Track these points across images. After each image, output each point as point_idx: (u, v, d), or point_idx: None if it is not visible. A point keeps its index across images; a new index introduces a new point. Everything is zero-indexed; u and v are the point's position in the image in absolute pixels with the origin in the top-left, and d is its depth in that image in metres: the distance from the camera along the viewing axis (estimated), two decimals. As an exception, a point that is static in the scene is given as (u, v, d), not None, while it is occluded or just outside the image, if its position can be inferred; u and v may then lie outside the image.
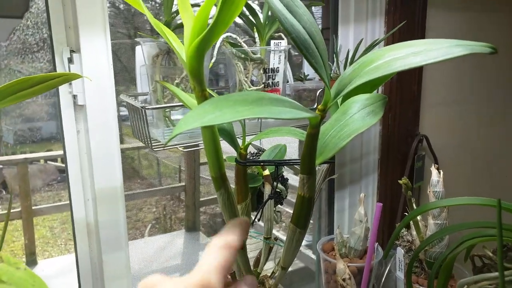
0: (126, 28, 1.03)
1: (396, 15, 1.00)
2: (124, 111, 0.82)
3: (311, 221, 1.06)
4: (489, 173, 1.26)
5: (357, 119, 0.49)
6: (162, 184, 2.03)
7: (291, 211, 0.49)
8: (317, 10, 1.13)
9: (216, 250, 0.29)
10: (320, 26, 1.11)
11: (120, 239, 0.75)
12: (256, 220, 0.58)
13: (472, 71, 1.18)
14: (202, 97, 0.41)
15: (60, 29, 0.68)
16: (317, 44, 0.39)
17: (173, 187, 2.02)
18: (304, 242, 0.92)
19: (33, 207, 2.08)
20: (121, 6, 1.16)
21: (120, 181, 0.74)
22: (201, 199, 1.87)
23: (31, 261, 1.92)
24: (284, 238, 0.64)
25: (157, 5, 1.06)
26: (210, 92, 0.46)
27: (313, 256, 1.29)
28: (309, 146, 0.45)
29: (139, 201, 1.84)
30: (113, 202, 0.74)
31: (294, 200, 0.49)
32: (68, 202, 0.75)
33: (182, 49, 0.41)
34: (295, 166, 0.95)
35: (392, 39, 0.99)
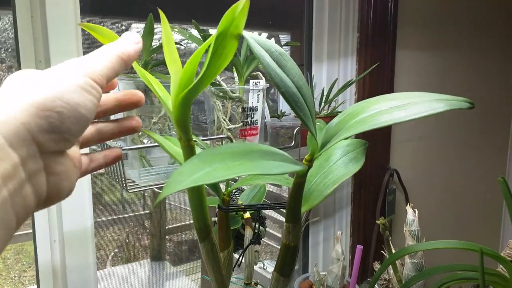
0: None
1: (367, 54, 1.04)
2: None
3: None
4: (454, 204, 1.30)
5: (340, 166, 0.49)
6: (126, 212, 1.97)
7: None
8: (290, 47, 1.15)
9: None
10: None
11: (89, 283, 0.71)
12: (237, 265, 0.57)
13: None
14: (188, 147, 0.40)
15: (29, 41, 0.64)
16: (305, 97, 0.39)
17: (138, 214, 1.96)
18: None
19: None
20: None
21: (90, 221, 0.71)
22: (167, 227, 1.82)
23: (-19, 294, 1.79)
24: (267, 267, 0.63)
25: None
26: (195, 138, 0.45)
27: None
28: (295, 195, 0.44)
29: (101, 229, 1.77)
30: (82, 244, 0.70)
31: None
32: (23, 232, 0.70)
33: (168, 98, 0.40)
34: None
35: (363, 78, 1.02)
